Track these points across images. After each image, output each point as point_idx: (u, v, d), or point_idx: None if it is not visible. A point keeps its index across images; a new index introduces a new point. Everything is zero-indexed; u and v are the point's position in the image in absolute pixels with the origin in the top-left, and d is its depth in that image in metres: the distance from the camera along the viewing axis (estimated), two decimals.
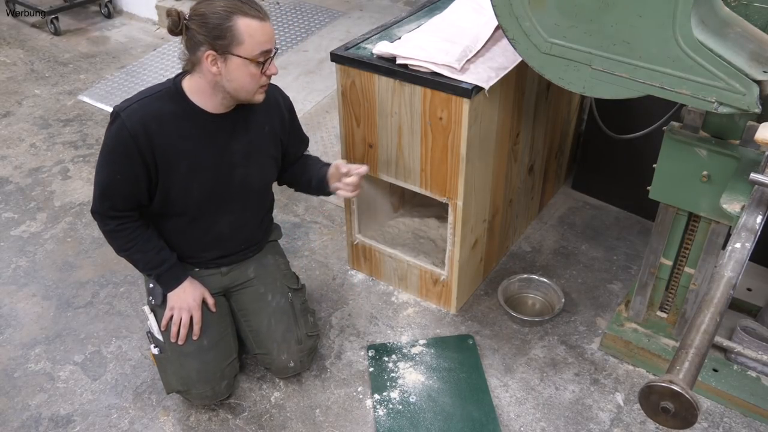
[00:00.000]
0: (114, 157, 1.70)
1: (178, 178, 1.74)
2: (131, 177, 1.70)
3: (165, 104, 1.70)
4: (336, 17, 4.35)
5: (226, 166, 1.80)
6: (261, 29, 1.61)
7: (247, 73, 1.63)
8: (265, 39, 1.62)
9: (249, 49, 1.60)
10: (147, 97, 1.71)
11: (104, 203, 1.76)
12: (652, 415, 1.05)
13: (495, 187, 2.22)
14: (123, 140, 1.67)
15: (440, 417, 1.93)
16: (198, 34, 1.59)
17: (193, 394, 1.89)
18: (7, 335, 2.26)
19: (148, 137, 1.67)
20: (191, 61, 1.66)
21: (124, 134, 1.66)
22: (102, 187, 1.74)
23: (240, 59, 1.60)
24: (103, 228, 1.81)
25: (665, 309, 2.11)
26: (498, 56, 1.96)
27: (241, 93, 1.68)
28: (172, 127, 1.70)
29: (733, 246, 1.26)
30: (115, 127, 1.68)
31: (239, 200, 1.88)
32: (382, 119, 2.04)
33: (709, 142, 1.68)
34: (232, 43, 1.59)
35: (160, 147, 1.69)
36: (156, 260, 1.83)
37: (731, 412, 1.95)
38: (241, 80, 1.64)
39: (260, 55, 1.63)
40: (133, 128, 1.66)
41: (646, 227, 2.67)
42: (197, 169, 1.76)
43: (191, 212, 1.82)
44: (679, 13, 1.38)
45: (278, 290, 2.01)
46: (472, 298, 2.37)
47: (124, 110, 1.68)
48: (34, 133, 3.44)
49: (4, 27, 4.75)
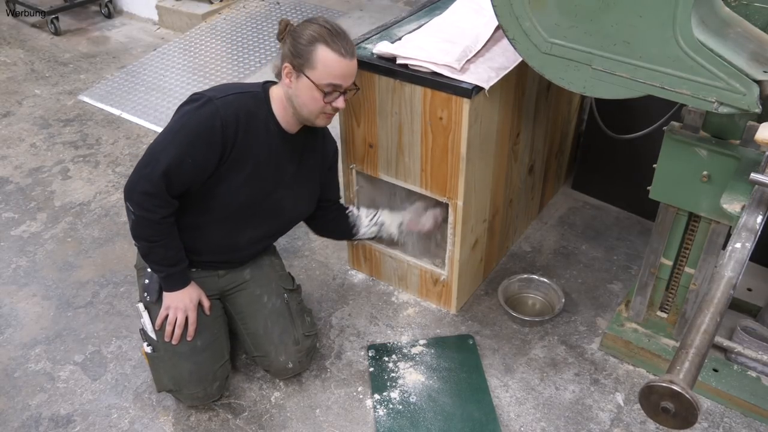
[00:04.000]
0: (192, 139, 1.67)
1: (236, 176, 1.76)
2: (201, 164, 1.70)
3: (252, 106, 1.75)
4: (336, 17, 4.35)
5: (276, 183, 1.85)
6: (337, 63, 1.68)
7: (311, 97, 1.71)
8: (338, 73, 1.70)
9: (318, 75, 1.69)
10: (241, 93, 1.74)
11: (161, 183, 1.66)
12: (652, 415, 1.05)
13: (495, 187, 2.22)
14: (212, 126, 1.67)
15: (440, 417, 1.93)
16: (287, 47, 1.72)
17: (185, 394, 1.89)
18: (7, 335, 2.26)
19: (236, 131, 1.70)
20: (278, 69, 1.76)
21: (216, 121, 1.66)
22: (167, 166, 1.65)
23: (308, 81, 1.69)
24: (144, 213, 1.70)
25: (665, 309, 2.11)
26: (498, 56, 1.96)
27: (303, 110, 1.75)
28: (254, 130, 1.74)
29: (733, 246, 1.26)
30: (207, 110, 1.67)
31: (267, 219, 1.92)
32: (383, 119, 2.04)
33: (709, 142, 1.68)
34: (305, 64, 1.69)
35: (240, 144, 1.72)
36: (175, 259, 1.83)
37: (731, 412, 1.95)
38: (305, 100, 1.72)
39: (327, 86, 1.70)
40: (226, 117, 1.67)
41: (646, 227, 2.67)
42: (256, 176, 1.79)
43: (226, 212, 1.83)
44: (680, 13, 1.38)
45: (274, 292, 2.01)
46: (473, 298, 2.37)
47: (219, 98, 1.69)
48: (34, 133, 3.45)
49: (4, 27, 4.75)
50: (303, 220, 2.08)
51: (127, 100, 3.72)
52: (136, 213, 1.72)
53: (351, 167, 2.23)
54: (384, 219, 2.14)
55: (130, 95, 3.76)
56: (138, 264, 1.99)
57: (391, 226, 2.13)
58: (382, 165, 2.14)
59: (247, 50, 4.09)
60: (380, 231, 2.13)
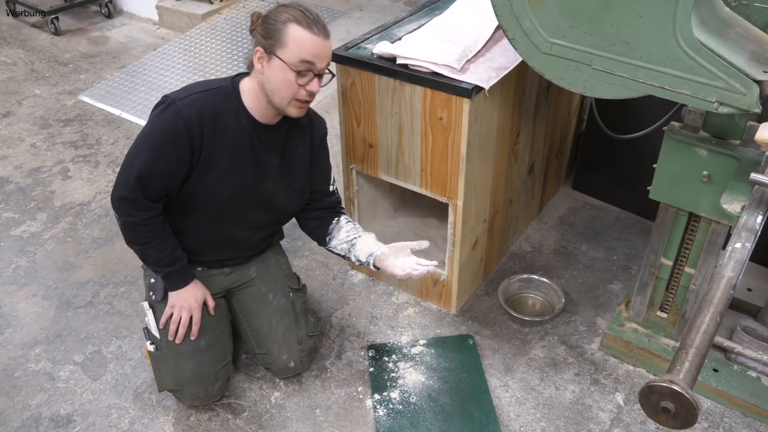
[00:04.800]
0: (160, 143, 1.66)
1: (213, 175, 1.74)
2: (172, 166, 1.68)
3: (219, 102, 1.70)
4: (336, 17, 4.35)
5: (259, 176, 1.81)
6: (309, 40, 1.62)
7: (284, 78, 1.64)
8: (310, 50, 1.63)
9: (290, 54, 1.62)
10: (204, 91, 1.70)
11: (136, 189, 1.68)
12: (652, 415, 1.05)
13: (495, 187, 2.22)
14: (175, 128, 1.65)
15: (440, 417, 1.93)
16: (258, 34, 1.66)
17: (186, 393, 1.89)
18: (7, 335, 2.26)
19: (201, 130, 1.67)
20: (250, 60, 1.71)
21: (179, 123, 1.64)
22: (139, 171, 1.66)
23: (280, 62, 1.63)
24: (126, 218, 1.73)
25: (665, 309, 2.11)
26: (498, 56, 1.96)
27: (275, 97, 1.69)
28: (222, 127, 1.71)
29: (733, 246, 1.26)
30: (169, 113, 1.65)
31: (259, 214, 1.89)
32: (383, 119, 2.04)
33: (709, 142, 1.68)
34: (276, 44, 1.62)
35: (209, 142, 1.70)
36: (169, 259, 1.82)
37: (731, 412, 1.95)
38: (277, 83, 1.65)
39: (300, 64, 1.63)
40: (189, 118, 1.65)
41: (646, 227, 2.67)
42: (233, 171, 1.76)
43: (212, 211, 1.82)
44: (680, 13, 1.38)
45: (279, 290, 2.01)
46: (473, 298, 2.37)
47: (181, 99, 1.66)
48: (34, 133, 3.44)
49: (4, 27, 4.75)
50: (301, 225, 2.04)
51: (127, 100, 3.72)
52: (120, 219, 1.75)
53: (351, 167, 2.23)
54: (359, 243, 1.92)
55: (130, 95, 3.76)
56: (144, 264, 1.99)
57: (360, 252, 1.90)
58: (382, 165, 2.14)
59: (247, 50, 4.08)
60: (349, 252, 1.93)
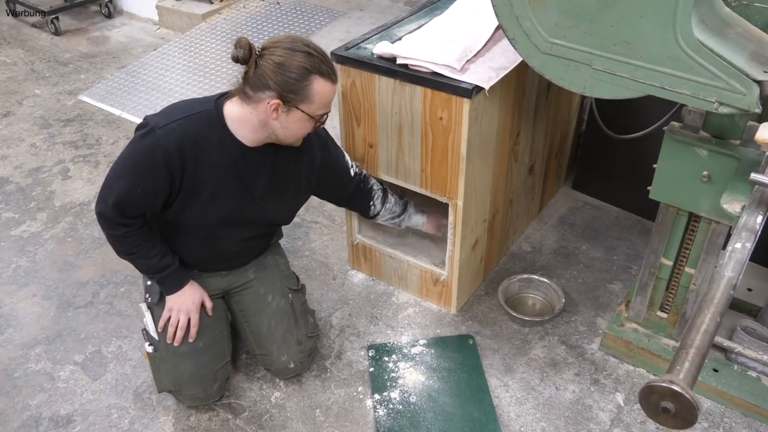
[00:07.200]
0: (139, 170, 1.65)
1: (198, 202, 1.73)
2: (151, 193, 1.67)
3: (202, 129, 1.66)
4: (336, 17, 4.35)
5: (247, 197, 1.80)
6: (331, 93, 1.66)
7: (303, 126, 1.69)
8: (330, 101, 1.68)
9: (315, 108, 1.65)
10: (185, 118, 1.65)
11: (115, 210, 1.69)
12: (652, 415, 1.05)
13: (495, 187, 2.22)
14: (154, 158, 1.62)
15: (440, 417, 1.93)
16: (269, 79, 1.58)
17: (185, 394, 1.89)
18: (7, 335, 2.26)
19: (181, 161, 1.64)
20: (246, 94, 1.63)
21: (158, 153, 1.61)
22: (118, 195, 1.66)
23: (303, 114, 1.64)
24: (109, 231, 1.76)
25: (665, 309, 2.11)
26: (498, 56, 1.96)
27: (289, 139, 1.71)
28: (204, 155, 1.67)
29: (733, 246, 1.26)
30: (148, 141, 1.62)
31: (247, 230, 1.90)
32: (383, 119, 2.04)
33: (709, 142, 1.68)
34: (299, 100, 1.62)
35: (190, 173, 1.67)
36: (159, 266, 1.82)
37: (731, 412, 1.95)
38: (294, 130, 1.69)
39: (321, 115, 1.68)
40: (167, 149, 1.61)
41: (646, 227, 2.67)
42: (218, 197, 1.75)
43: (200, 233, 1.82)
44: (680, 13, 1.38)
45: (278, 291, 2.01)
46: (473, 298, 2.37)
47: (161, 127, 1.62)
48: (34, 133, 3.45)
49: (4, 27, 4.75)
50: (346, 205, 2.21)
51: (127, 100, 3.72)
52: (105, 233, 1.77)
53: None
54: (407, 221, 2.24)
55: (130, 95, 3.76)
56: None
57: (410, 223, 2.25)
58: (382, 165, 2.14)
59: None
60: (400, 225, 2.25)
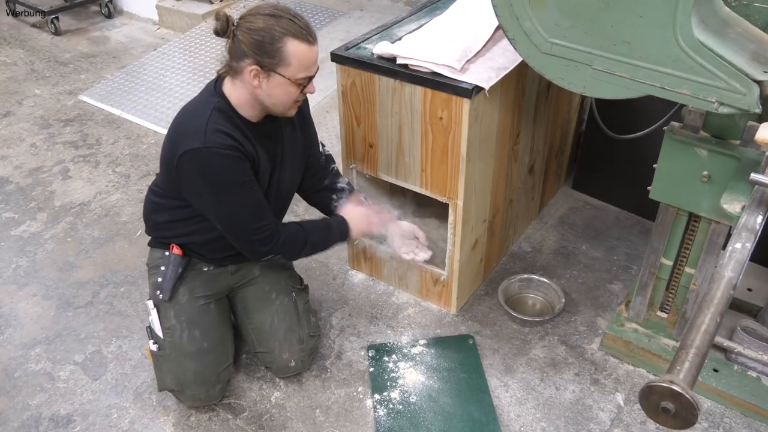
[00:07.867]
0: (234, 177, 1.67)
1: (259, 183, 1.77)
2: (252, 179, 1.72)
3: (222, 121, 1.67)
4: (336, 17, 4.35)
5: (271, 170, 1.83)
6: (309, 53, 1.64)
7: (286, 92, 1.67)
8: (311, 63, 1.66)
9: (294, 71, 1.63)
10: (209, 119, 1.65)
11: (262, 221, 1.74)
12: (652, 416, 1.05)
13: (495, 187, 2.22)
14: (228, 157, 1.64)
15: (440, 417, 1.93)
16: (245, 46, 1.60)
17: (187, 394, 1.89)
18: (7, 335, 2.26)
19: (241, 144, 1.67)
20: (232, 68, 1.67)
21: (226, 151, 1.63)
22: (251, 210, 1.72)
23: (283, 78, 1.63)
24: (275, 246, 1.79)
25: (665, 309, 2.11)
26: (498, 56, 1.96)
27: (277, 107, 1.72)
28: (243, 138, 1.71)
29: (733, 246, 1.26)
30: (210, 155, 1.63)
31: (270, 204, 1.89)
32: (383, 119, 2.04)
33: (709, 142, 1.68)
34: (276, 63, 1.61)
35: (249, 153, 1.71)
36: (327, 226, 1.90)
37: (731, 412, 1.95)
38: (280, 97, 1.68)
39: (303, 79, 1.66)
40: (224, 143, 1.64)
41: (646, 227, 2.67)
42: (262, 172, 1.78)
43: None
44: (680, 13, 1.38)
45: (282, 289, 2.02)
46: (473, 298, 2.37)
47: (204, 141, 1.62)
48: (34, 133, 3.44)
49: (4, 27, 4.75)
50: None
51: (127, 100, 3.72)
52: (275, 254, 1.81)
53: (351, 167, 2.23)
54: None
55: (131, 95, 3.76)
56: (150, 263, 1.99)
57: None
58: (382, 165, 2.14)
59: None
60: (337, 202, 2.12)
